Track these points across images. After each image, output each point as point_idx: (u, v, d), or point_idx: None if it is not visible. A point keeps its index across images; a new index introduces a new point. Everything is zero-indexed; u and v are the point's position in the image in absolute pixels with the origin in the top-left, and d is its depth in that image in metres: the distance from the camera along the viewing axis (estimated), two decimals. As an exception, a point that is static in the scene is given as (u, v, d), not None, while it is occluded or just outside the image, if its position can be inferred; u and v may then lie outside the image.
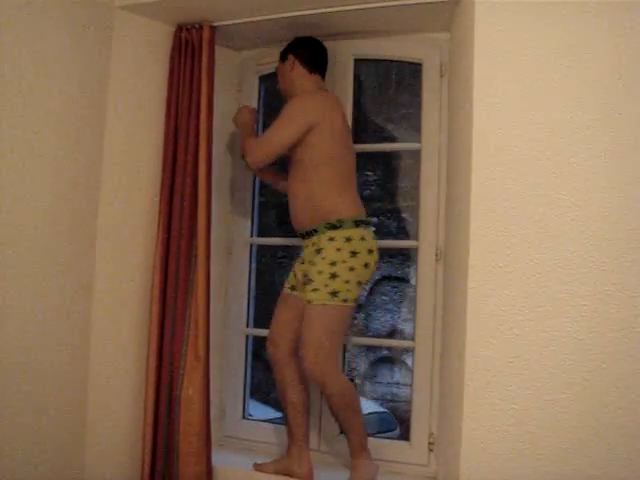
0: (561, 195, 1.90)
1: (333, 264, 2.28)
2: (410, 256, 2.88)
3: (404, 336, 3.04)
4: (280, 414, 2.62)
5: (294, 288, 2.48)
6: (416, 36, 2.61)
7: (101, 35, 2.44)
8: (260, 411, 3.16)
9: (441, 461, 2.37)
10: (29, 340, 2.16)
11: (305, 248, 2.45)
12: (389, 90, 3.14)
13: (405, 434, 2.70)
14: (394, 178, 3.11)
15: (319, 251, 2.32)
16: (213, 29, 2.55)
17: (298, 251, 2.70)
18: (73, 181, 2.34)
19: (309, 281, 2.31)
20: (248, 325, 2.88)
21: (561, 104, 1.92)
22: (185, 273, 2.45)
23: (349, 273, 2.27)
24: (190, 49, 2.54)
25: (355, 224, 2.32)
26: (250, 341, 2.89)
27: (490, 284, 1.94)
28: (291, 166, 2.48)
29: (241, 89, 2.88)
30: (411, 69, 2.80)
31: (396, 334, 3.16)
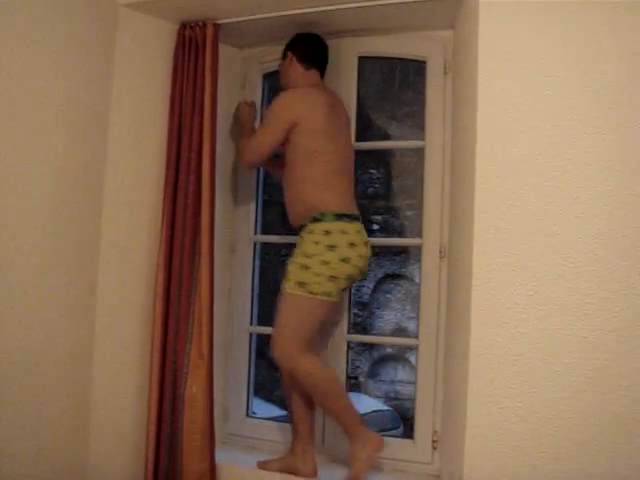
0: (565, 193, 1.90)
1: (307, 256, 2.29)
2: (414, 254, 2.88)
3: (408, 334, 3.04)
4: (284, 412, 2.63)
5: None
6: (420, 34, 2.61)
7: (105, 33, 2.44)
8: (264, 409, 3.17)
9: (445, 459, 2.37)
10: (32, 338, 2.16)
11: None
12: (393, 88, 3.14)
13: (409, 432, 2.69)
14: (398, 176, 3.11)
15: (300, 244, 2.36)
16: (217, 27, 2.54)
17: (301, 249, 2.69)
18: (77, 178, 2.34)
19: (286, 271, 2.35)
20: (252, 323, 2.88)
21: (565, 102, 1.92)
22: (189, 271, 2.45)
23: (321, 267, 2.26)
24: (194, 47, 2.54)
25: (336, 217, 2.32)
26: (254, 339, 2.89)
27: (494, 282, 1.94)
28: (284, 164, 2.51)
29: (245, 87, 2.87)
30: (415, 67, 2.80)
31: (400, 332, 3.16)
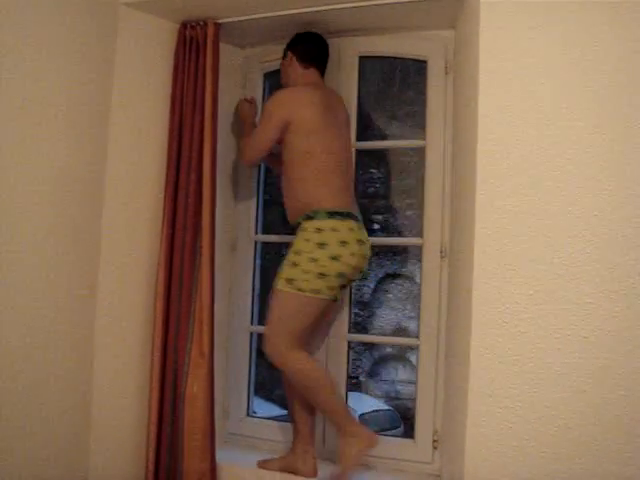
0: (566, 192, 1.89)
1: (297, 253, 2.30)
2: (415, 254, 2.88)
3: (408, 334, 3.04)
4: (284, 411, 2.63)
5: None
6: (421, 33, 2.60)
7: (106, 32, 2.44)
8: (264, 408, 3.17)
9: (445, 459, 2.37)
10: (33, 337, 2.16)
11: None
12: (394, 87, 3.14)
13: (409, 432, 2.69)
14: (398, 175, 3.11)
15: (293, 242, 2.37)
16: (217, 26, 2.54)
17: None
18: (77, 177, 2.34)
19: (279, 268, 2.37)
20: (252, 322, 2.88)
21: (566, 101, 1.92)
22: (189, 270, 2.45)
23: (309, 264, 2.25)
24: (195, 46, 2.54)
25: (328, 215, 2.31)
26: (254, 338, 2.89)
27: (495, 282, 1.94)
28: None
29: (245, 86, 2.87)
30: (416, 66, 2.80)
31: (400, 332, 3.17)
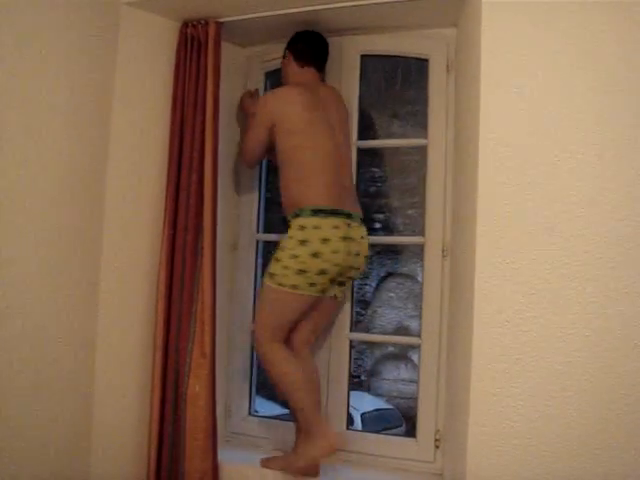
0: (568, 191, 1.89)
1: (281, 249, 2.35)
2: (416, 252, 2.87)
3: (410, 333, 3.04)
4: (286, 410, 2.62)
5: None
6: (423, 32, 2.60)
7: (107, 31, 2.43)
8: (266, 407, 3.16)
9: (447, 458, 2.37)
10: (34, 337, 2.16)
11: None
12: (395, 86, 3.13)
13: (411, 431, 2.69)
14: (400, 174, 3.11)
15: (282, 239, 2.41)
16: (219, 25, 2.54)
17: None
18: (79, 177, 2.34)
19: None
20: (254, 321, 2.87)
21: (569, 99, 1.91)
22: (191, 269, 2.45)
23: (290, 260, 2.29)
24: (196, 45, 2.53)
25: (312, 213, 2.32)
26: (256, 337, 2.89)
27: (497, 280, 1.93)
28: None
29: (247, 85, 2.87)
30: (417, 65, 2.79)
31: (402, 331, 3.16)
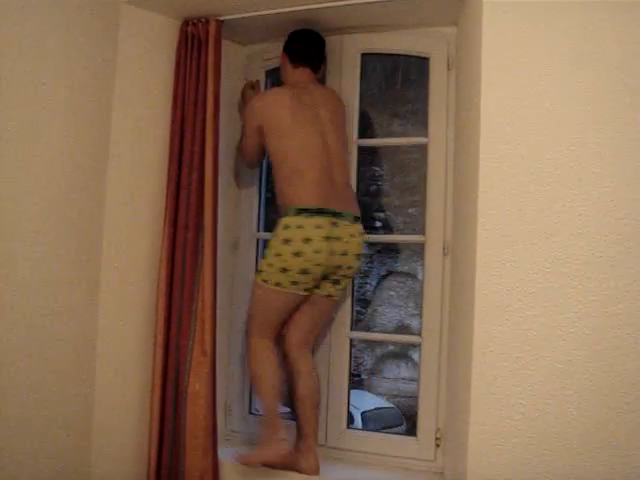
0: (569, 189, 1.88)
1: (268, 248, 2.39)
2: (417, 251, 2.87)
3: (411, 331, 3.04)
4: (287, 409, 2.62)
5: None
6: (423, 30, 2.59)
7: (107, 29, 2.43)
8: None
9: (448, 456, 2.37)
10: (35, 335, 2.16)
11: None
12: (396, 84, 3.13)
13: (412, 429, 2.69)
14: (401, 173, 3.11)
15: None
16: (219, 23, 2.54)
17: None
18: (79, 175, 2.34)
19: None
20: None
21: (569, 97, 1.91)
22: (191, 267, 2.45)
23: (274, 258, 2.33)
24: (196, 43, 2.53)
25: (296, 212, 2.32)
26: (256, 336, 2.88)
27: (498, 279, 1.93)
28: None
29: (245, 82, 2.86)
30: (418, 63, 2.79)
31: (403, 329, 3.16)
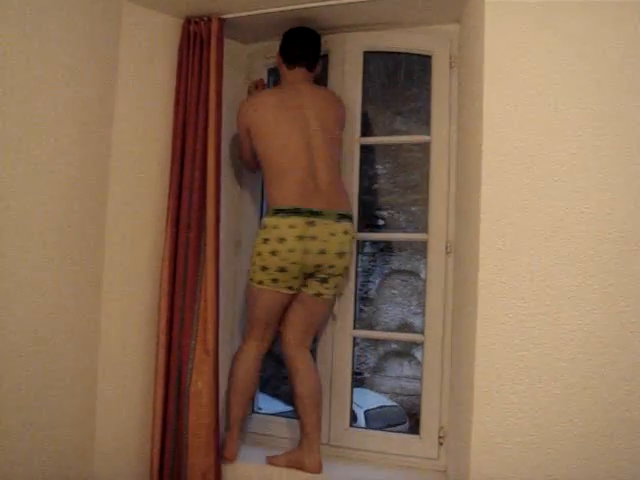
0: (572, 187, 1.88)
1: (253, 247, 2.46)
2: (420, 249, 2.87)
3: (414, 330, 3.04)
4: (290, 407, 2.63)
5: None
6: (425, 28, 2.59)
7: (109, 27, 2.43)
8: (270, 404, 3.16)
9: (451, 455, 2.37)
10: (38, 335, 2.16)
11: None
12: (398, 83, 3.12)
13: (415, 428, 2.69)
14: (403, 171, 3.10)
15: None
16: (222, 22, 2.53)
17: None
18: (82, 174, 2.34)
19: None
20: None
21: (572, 96, 1.91)
22: (194, 266, 2.45)
23: (256, 257, 2.42)
24: (199, 42, 2.53)
25: (274, 212, 2.38)
26: (259, 334, 2.89)
27: (500, 277, 1.93)
28: None
29: (250, 82, 2.87)
30: (421, 61, 2.79)
31: (406, 328, 3.16)
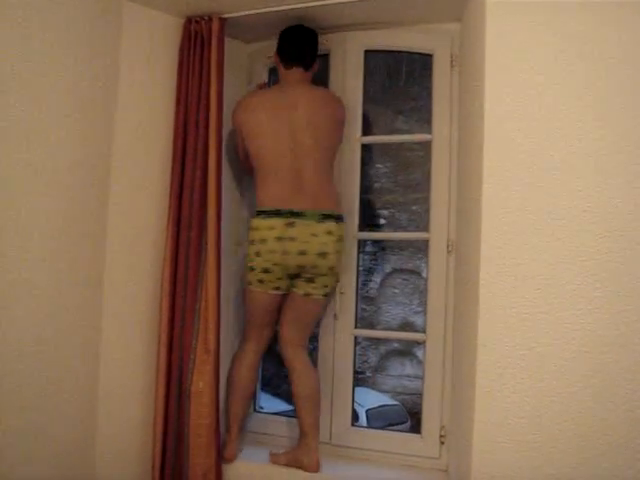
0: (573, 186, 1.88)
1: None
2: (421, 248, 2.87)
3: (415, 329, 3.04)
4: (291, 407, 2.63)
5: None
6: (426, 27, 2.59)
7: (110, 27, 2.43)
8: (271, 404, 3.17)
9: (453, 454, 2.36)
10: (39, 334, 2.16)
11: None
12: (399, 82, 3.13)
13: (416, 427, 2.69)
14: (404, 170, 3.10)
15: None
16: (223, 21, 2.53)
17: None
18: (83, 174, 2.34)
19: None
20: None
21: (573, 94, 1.90)
22: (195, 266, 2.45)
23: (246, 258, 2.50)
24: (199, 41, 2.53)
25: (257, 214, 2.46)
26: (261, 334, 2.88)
27: (502, 276, 1.93)
28: None
29: (251, 81, 2.87)
30: (422, 60, 2.78)
31: (407, 327, 3.16)
